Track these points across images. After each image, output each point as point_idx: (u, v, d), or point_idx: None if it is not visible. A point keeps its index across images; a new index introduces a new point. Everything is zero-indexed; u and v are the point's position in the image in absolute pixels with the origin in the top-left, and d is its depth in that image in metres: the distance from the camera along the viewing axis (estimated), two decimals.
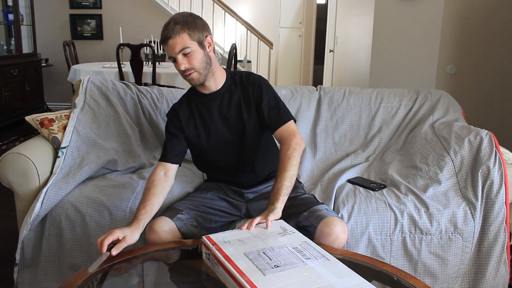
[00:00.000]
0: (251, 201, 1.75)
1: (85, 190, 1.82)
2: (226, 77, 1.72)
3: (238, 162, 1.73)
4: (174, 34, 1.52)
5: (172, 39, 1.53)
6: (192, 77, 1.59)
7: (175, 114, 1.74)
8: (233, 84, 1.71)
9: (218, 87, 1.70)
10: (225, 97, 1.70)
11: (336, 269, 1.15)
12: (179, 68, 1.56)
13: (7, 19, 5.21)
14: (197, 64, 1.57)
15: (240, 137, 1.71)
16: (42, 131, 1.98)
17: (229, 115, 1.70)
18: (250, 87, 1.69)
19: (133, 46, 4.00)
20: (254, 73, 1.76)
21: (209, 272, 1.26)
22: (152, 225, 1.52)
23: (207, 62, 1.60)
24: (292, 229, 1.38)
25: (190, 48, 1.54)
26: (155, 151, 2.26)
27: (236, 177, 1.75)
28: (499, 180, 1.83)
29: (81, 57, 5.47)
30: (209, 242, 1.27)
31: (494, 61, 3.69)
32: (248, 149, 1.71)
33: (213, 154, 1.73)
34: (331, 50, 5.76)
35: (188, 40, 1.54)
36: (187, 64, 1.56)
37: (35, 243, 1.80)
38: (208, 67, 1.61)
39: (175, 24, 1.53)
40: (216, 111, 1.70)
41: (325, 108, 2.36)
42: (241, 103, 1.69)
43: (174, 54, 1.55)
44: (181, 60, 1.55)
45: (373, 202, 1.80)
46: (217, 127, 1.70)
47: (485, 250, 1.81)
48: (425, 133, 2.18)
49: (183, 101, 1.76)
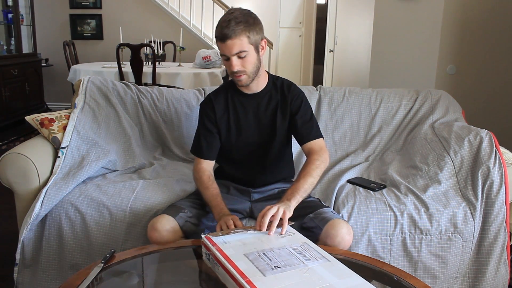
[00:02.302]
0: (256, 202, 1.75)
1: (85, 190, 1.82)
2: (268, 80, 1.73)
3: (258, 165, 1.76)
4: (235, 35, 1.50)
5: (232, 39, 1.50)
6: (242, 79, 1.60)
7: (210, 105, 1.73)
8: (274, 89, 1.73)
9: (259, 89, 1.71)
10: (263, 100, 1.71)
11: (336, 270, 1.15)
12: (231, 68, 1.56)
13: (7, 19, 5.21)
14: (250, 68, 1.58)
15: (268, 141, 1.73)
16: (42, 131, 1.98)
17: (263, 118, 1.72)
18: (289, 97, 1.71)
19: (133, 46, 4.00)
20: (296, 85, 1.78)
21: (209, 272, 1.26)
22: (154, 224, 1.52)
23: (258, 66, 1.61)
24: (293, 230, 1.38)
25: (247, 51, 1.54)
26: (155, 151, 2.27)
27: (249, 177, 1.77)
28: (499, 180, 1.83)
29: (81, 57, 5.47)
30: (209, 242, 1.27)
31: (494, 61, 3.69)
32: (271, 154, 1.74)
33: (238, 153, 1.75)
34: (331, 50, 5.76)
35: (247, 43, 1.53)
36: (241, 66, 1.56)
37: (35, 243, 1.80)
38: (257, 71, 1.62)
39: (236, 24, 1.50)
40: (251, 112, 1.71)
41: (325, 108, 2.36)
42: (277, 109, 1.71)
43: (229, 54, 1.53)
44: (235, 61, 1.54)
45: (373, 202, 1.80)
46: (249, 128, 1.72)
47: (485, 250, 1.81)
48: (425, 133, 2.18)
49: (220, 93, 1.76)
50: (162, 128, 2.28)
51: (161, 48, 4.76)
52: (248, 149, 1.74)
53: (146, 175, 2.01)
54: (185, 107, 2.31)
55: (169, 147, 2.28)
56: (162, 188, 1.85)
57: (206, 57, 4.53)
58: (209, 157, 1.73)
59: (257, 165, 1.77)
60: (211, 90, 2.37)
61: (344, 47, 5.10)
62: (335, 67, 5.63)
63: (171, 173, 2.05)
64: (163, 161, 2.19)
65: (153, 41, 4.60)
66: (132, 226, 1.75)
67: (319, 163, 1.60)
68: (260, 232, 1.35)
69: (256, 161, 1.76)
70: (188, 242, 1.48)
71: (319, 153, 1.63)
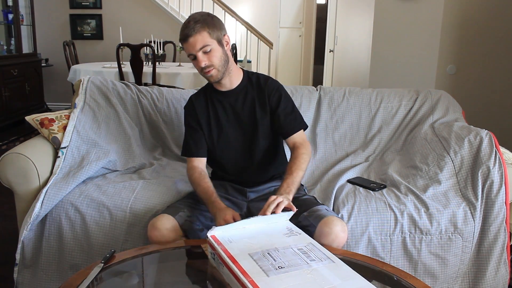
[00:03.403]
0: (252, 201, 1.75)
1: (85, 190, 1.82)
2: (242, 76, 1.76)
3: (245, 163, 1.76)
4: (195, 32, 1.56)
5: (193, 37, 1.57)
6: (211, 74, 1.63)
7: (192, 106, 1.78)
8: (249, 84, 1.75)
9: (233, 85, 1.73)
10: (239, 96, 1.73)
11: (340, 271, 1.14)
12: (199, 65, 1.60)
13: (7, 19, 5.21)
14: (217, 62, 1.61)
15: (250, 137, 1.74)
16: (42, 131, 1.98)
17: (242, 115, 1.73)
18: (266, 90, 1.73)
19: (133, 46, 4.00)
20: (272, 77, 1.80)
21: (213, 272, 1.25)
22: (155, 223, 1.52)
23: (225, 60, 1.65)
24: (298, 230, 1.37)
25: (210, 46, 1.59)
26: (155, 151, 2.27)
27: (240, 176, 1.77)
28: (499, 180, 1.83)
29: (81, 57, 5.47)
30: (215, 241, 1.26)
31: (494, 61, 3.69)
32: (257, 150, 1.74)
33: (222, 152, 1.76)
34: (331, 50, 5.76)
35: (208, 38, 1.58)
36: (207, 61, 1.60)
37: (35, 243, 1.80)
38: (226, 65, 1.65)
39: (195, 23, 1.57)
40: (230, 109, 1.73)
41: (325, 108, 2.36)
42: (255, 103, 1.73)
43: (194, 52, 1.59)
44: (201, 57, 1.59)
45: (373, 202, 1.80)
46: (229, 125, 1.74)
47: (485, 250, 1.81)
48: (425, 133, 2.18)
49: (200, 94, 1.80)
50: (162, 128, 2.28)
51: (161, 48, 4.76)
52: (232, 147, 1.75)
53: (146, 175, 2.01)
54: None
55: (169, 147, 2.28)
56: (162, 188, 1.85)
57: None
58: (198, 154, 1.74)
59: (244, 163, 1.77)
60: None
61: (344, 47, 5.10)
62: (335, 67, 5.63)
63: (171, 173, 2.05)
64: (163, 161, 2.19)
65: (153, 41, 4.60)
66: (132, 226, 1.75)
67: (306, 156, 1.65)
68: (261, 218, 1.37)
69: (242, 159, 1.76)
70: (187, 242, 1.48)
71: (304, 146, 1.68)
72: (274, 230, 1.36)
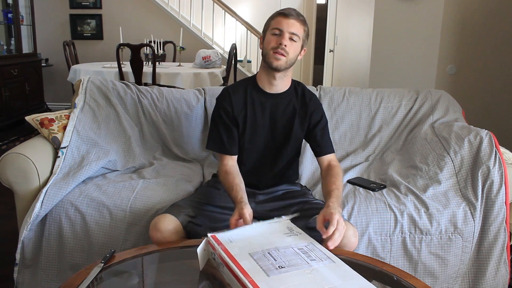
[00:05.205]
0: (260, 203, 1.74)
1: (85, 190, 1.82)
2: (290, 84, 1.75)
3: (266, 168, 1.75)
4: (299, 19, 1.61)
5: (295, 20, 1.60)
6: (280, 58, 1.61)
7: (229, 100, 1.71)
8: (294, 93, 1.75)
9: (281, 90, 1.72)
10: (282, 102, 1.72)
11: (341, 271, 1.14)
12: (280, 41, 1.59)
13: (7, 19, 5.21)
14: (291, 54, 1.62)
15: (279, 145, 1.73)
16: (42, 131, 1.98)
17: (279, 121, 1.71)
18: (310, 108, 1.73)
19: (133, 46, 3.99)
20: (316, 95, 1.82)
21: (214, 272, 1.25)
22: (157, 224, 1.51)
23: (294, 60, 1.66)
24: (299, 230, 1.36)
25: (298, 39, 1.62)
26: (155, 151, 2.27)
27: (256, 179, 1.75)
28: (499, 180, 1.83)
29: (81, 57, 5.47)
30: (215, 241, 1.26)
31: (494, 61, 3.69)
32: (281, 159, 1.74)
33: (248, 154, 1.73)
34: (331, 50, 5.76)
35: (302, 33, 1.63)
36: (288, 45, 1.60)
37: (35, 243, 1.80)
38: (291, 64, 1.66)
39: (300, 16, 1.63)
40: (269, 113, 1.71)
41: (325, 108, 2.34)
42: (296, 115, 1.72)
43: (286, 30, 1.59)
44: (287, 38, 1.59)
45: (373, 202, 1.80)
46: (263, 128, 1.71)
47: (485, 250, 1.82)
48: (425, 133, 2.18)
49: (239, 88, 1.74)
50: (162, 128, 2.28)
51: (161, 48, 4.75)
52: (260, 151, 1.73)
53: (146, 175, 2.01)
54: (185, 107, 2.31)
55: (169, 147, 2.28)
56: (162, 187, 1.85)
57: (206, 57, 4.53)
58: (232, 152, 1.69)
59: (264, 169, 1.75)
60: (211, 90, 2.38)
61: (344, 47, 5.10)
62: (335, 67, 5.63)
63: (171, 173, 2.05)
64: (163, 161, 2.19)
65: (153, 41, 4.60)
66: (132, 226, 1.75)
67: (341, 177, 1.65)
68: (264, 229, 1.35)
69: (264, 165, 1.75)
70: (188, 242, 1.48)
71: (339, 167, 1.69)
72: (275, 229, 1.36)
